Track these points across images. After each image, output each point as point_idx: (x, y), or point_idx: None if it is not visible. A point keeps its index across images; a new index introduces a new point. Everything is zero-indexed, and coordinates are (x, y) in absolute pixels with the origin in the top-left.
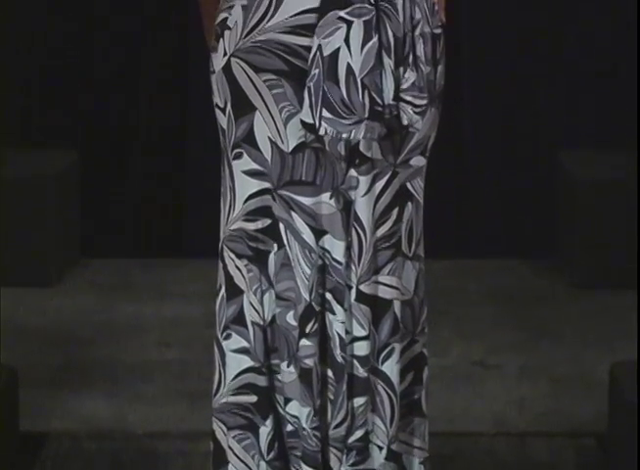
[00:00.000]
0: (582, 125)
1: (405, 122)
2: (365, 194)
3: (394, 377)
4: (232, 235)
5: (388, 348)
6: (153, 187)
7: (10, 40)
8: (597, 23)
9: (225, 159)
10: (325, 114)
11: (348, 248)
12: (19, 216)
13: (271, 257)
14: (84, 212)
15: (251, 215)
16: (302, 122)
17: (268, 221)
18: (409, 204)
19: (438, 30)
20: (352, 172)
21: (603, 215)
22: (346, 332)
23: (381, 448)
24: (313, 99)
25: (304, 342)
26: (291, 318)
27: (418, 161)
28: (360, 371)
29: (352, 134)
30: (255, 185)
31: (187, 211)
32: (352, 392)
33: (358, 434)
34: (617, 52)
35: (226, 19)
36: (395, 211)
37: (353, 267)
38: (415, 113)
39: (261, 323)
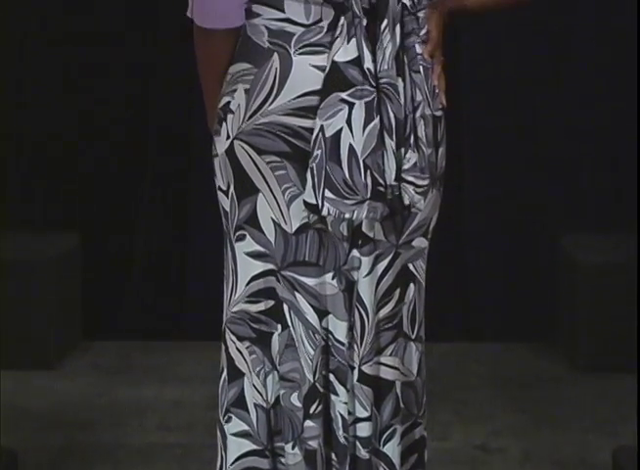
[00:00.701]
0: (582, 209)
1: (407, 202)
2: (367, 274)
3: (396, 459)
4: (234, 317)
5: (390, 429)
6: (153, 270)
7: (10, 122)
8: (598, 100)
9: (228, 241)
10: (328, 194)
11: (351, 328)
12: (19, 299)
13: (275, 338)
14: (85, 295)
15: (254, 297)
16: (305, 203)
17: (271, 303)
18: (411, 285)
19: (439, 113)
20: (355, 253)
21: (604, 298)
22: (349, 413)
23: None
24: (316, 180)
25: (309, 423)
26: (295, 399)
27: (420, 242)
28: (362, 452)
29: (355, 214)
30: (258, 266)
31: (188, 293)
32: None
33: None
34: (616, 142)
35: (229, 102)
36: (397, 292)
37: (356, 348)
38: (417, 193)
39: (264, 405)
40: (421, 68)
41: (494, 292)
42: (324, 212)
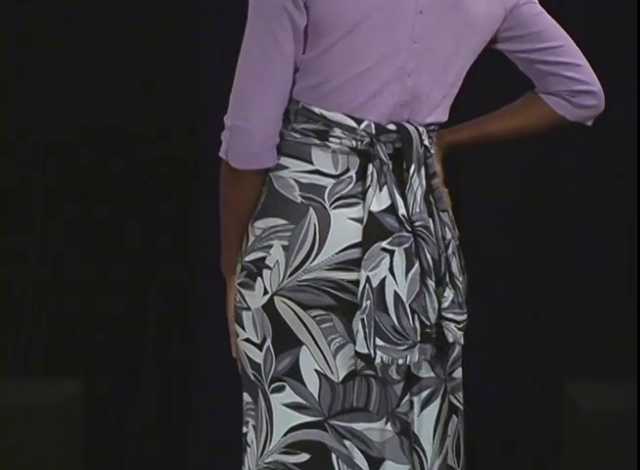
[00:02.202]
0: (584, 356)
1: (451, 340)
2: (420, 413)
3: None
4: (268, 468)
5: None
6: (153, 422)
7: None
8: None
9: (260, 391)
10: (379, 342)
11: None
12: (21, 446)
13: None
14: (87, 441)
15: (292, 448)
16: (357, 353)
17: (307, 456)
18: (454, 417)
19: (458, 242)
20: (407, 395)
21: (604, 445)
22: None
23: None
24: (367, 330)
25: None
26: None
27: (458, 373)
28: None
29: (408, 359)
30: (298, 418)
31: (191, 447)
32: None
33: None
34: (616, 295)
35: (264, 258)
36: (444, 426)
37: None
38: (458, 329)
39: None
40: (445, 203)
41: (496, 439)
42: (377, 361)
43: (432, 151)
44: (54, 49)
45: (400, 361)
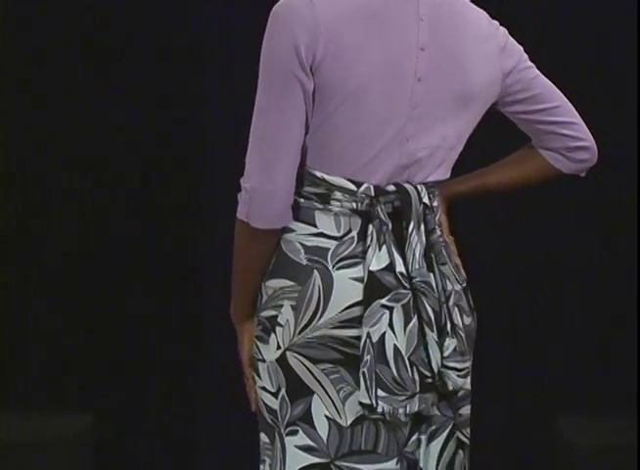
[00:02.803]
0: (579, 390)
1: (451, 388)
2: (426, 448)
3: None
4: None
5: None
6: (167, 447)
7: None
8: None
9: (276, 433)
10: (380, 393)
11: None
12: None
13: None
14: None
15: None
16: (361, 404)
17: None
18: (460, 451)
19: (464, 284)
20: (415, 435)
21: None
22: None
23: None
24: (368, 382)
25: None
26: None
27: (466, 409)
28: None
29: (408, 408)
30: (307, 459)
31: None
32: None
33: None
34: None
35: (276, 316)
36: (451, 460)
37: None
38: (459, 377)
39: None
40: (445, 255)
41: None
42: (379, 410)
43: (433, 206)
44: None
45: (401, 411)
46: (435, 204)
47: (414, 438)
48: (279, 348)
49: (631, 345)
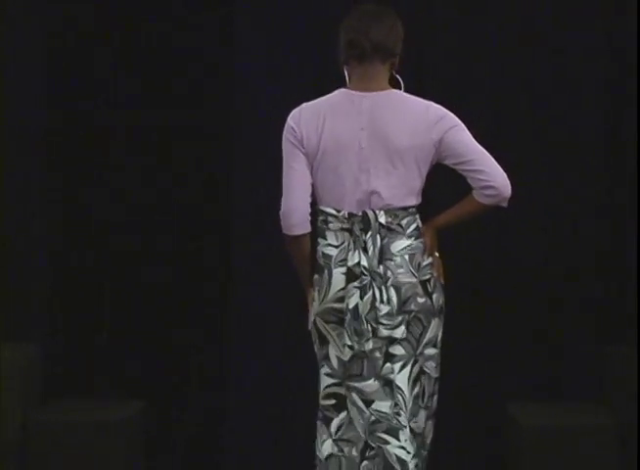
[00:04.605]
0: (528, 380)
1: (383, 335)
2: (398, 374)
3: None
4: (322, 406)
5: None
6: (211, 425)
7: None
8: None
9: (320, 364)
10: (354, 338)
11: (396, 405)
12: (85, 460)
13: (335, 420)
14: (149, 458)
15: (327, 397)
16: (346, 345)
17: (334, 401)
18: (422, 377)
19: (427, 277)
20: (388, 365)
21: (547, 460)
22: (407, 452)
23: None
24: (349, 332)
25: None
26: (354, 451)
27: (430, 350)
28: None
29: (365, 347)
30: (329, 380)
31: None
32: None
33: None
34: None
35: (314, 296)
36: (418, 382)
37: (402, 414)
38: (386, 329)
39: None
40: (406, 255)
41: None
42: (356, 348)
43: (388, 223)
44: None
45: (363, 349)
46: (393, 220)
47: (387, 366)
48: (314, 316)
49: (568, 339)
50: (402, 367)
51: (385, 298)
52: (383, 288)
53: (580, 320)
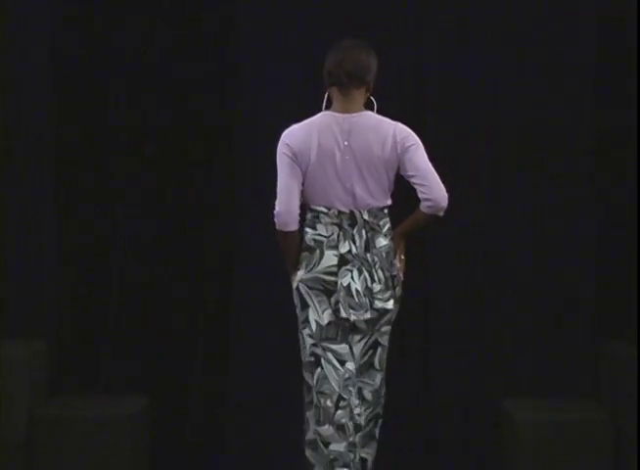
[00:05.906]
0: (524, 376)
1: (378, 307)
2: (358, 343)
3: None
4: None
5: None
6: (214, 415)
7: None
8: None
9: (300, 327)
10: (350, 311)
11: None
12: (91, 455)
13: (314, 374)
14: (154, 453)
15: (309, 356)
16: (342, 318)
17: (313, 359)
18: (378, 348)
19: (394, 273)
20: (354, 334)
21: (541, 452)
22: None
23: None
24: (344, 305)
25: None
26: (328, 402)
27: (386, 328)
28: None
29: (363, 317)
30: (310, 341)
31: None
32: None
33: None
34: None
35: (300, 268)
36: (371, 350)
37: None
38: (379, 301)
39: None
40: (384, 253)
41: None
42: (352, 319)
43: (370, 220)
44: None
45: (361, 318)
46: (374, 219)
47: (353, 335)
48: (298, 282)
49: (566, 337)
50: (360, 339)
51: (376, 278)
52: (372, 270)
53: (576, 317)
